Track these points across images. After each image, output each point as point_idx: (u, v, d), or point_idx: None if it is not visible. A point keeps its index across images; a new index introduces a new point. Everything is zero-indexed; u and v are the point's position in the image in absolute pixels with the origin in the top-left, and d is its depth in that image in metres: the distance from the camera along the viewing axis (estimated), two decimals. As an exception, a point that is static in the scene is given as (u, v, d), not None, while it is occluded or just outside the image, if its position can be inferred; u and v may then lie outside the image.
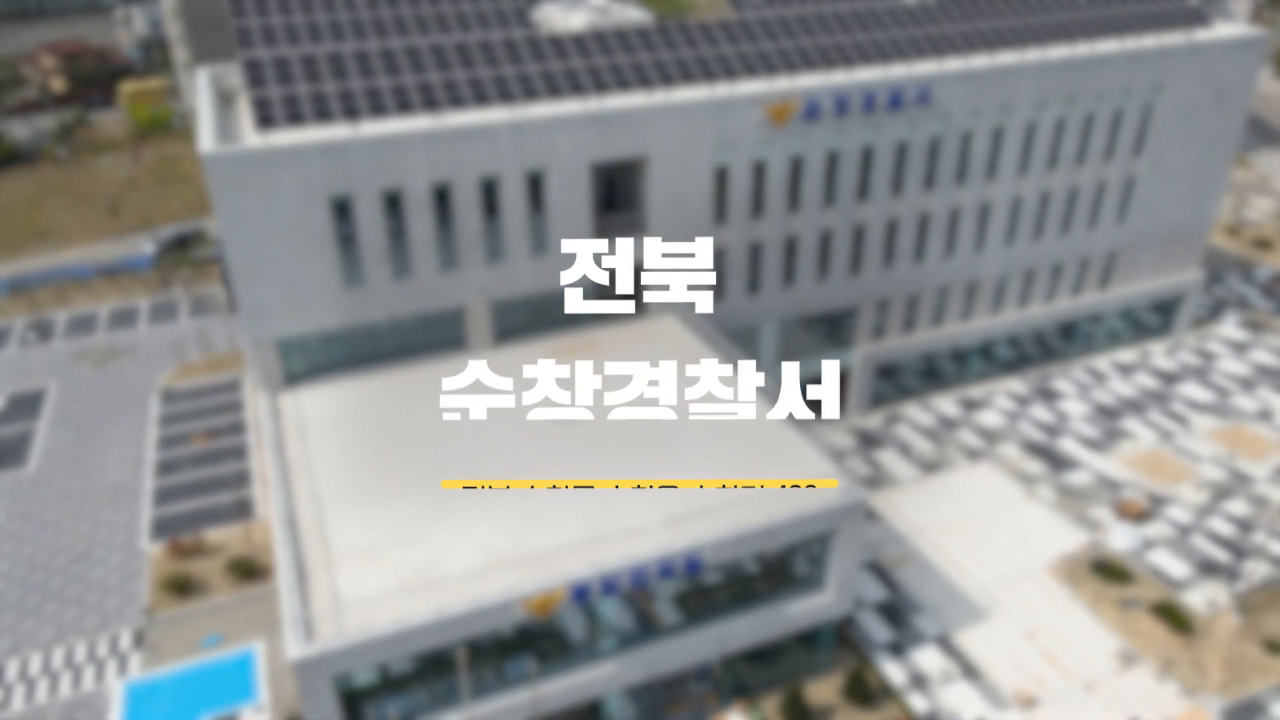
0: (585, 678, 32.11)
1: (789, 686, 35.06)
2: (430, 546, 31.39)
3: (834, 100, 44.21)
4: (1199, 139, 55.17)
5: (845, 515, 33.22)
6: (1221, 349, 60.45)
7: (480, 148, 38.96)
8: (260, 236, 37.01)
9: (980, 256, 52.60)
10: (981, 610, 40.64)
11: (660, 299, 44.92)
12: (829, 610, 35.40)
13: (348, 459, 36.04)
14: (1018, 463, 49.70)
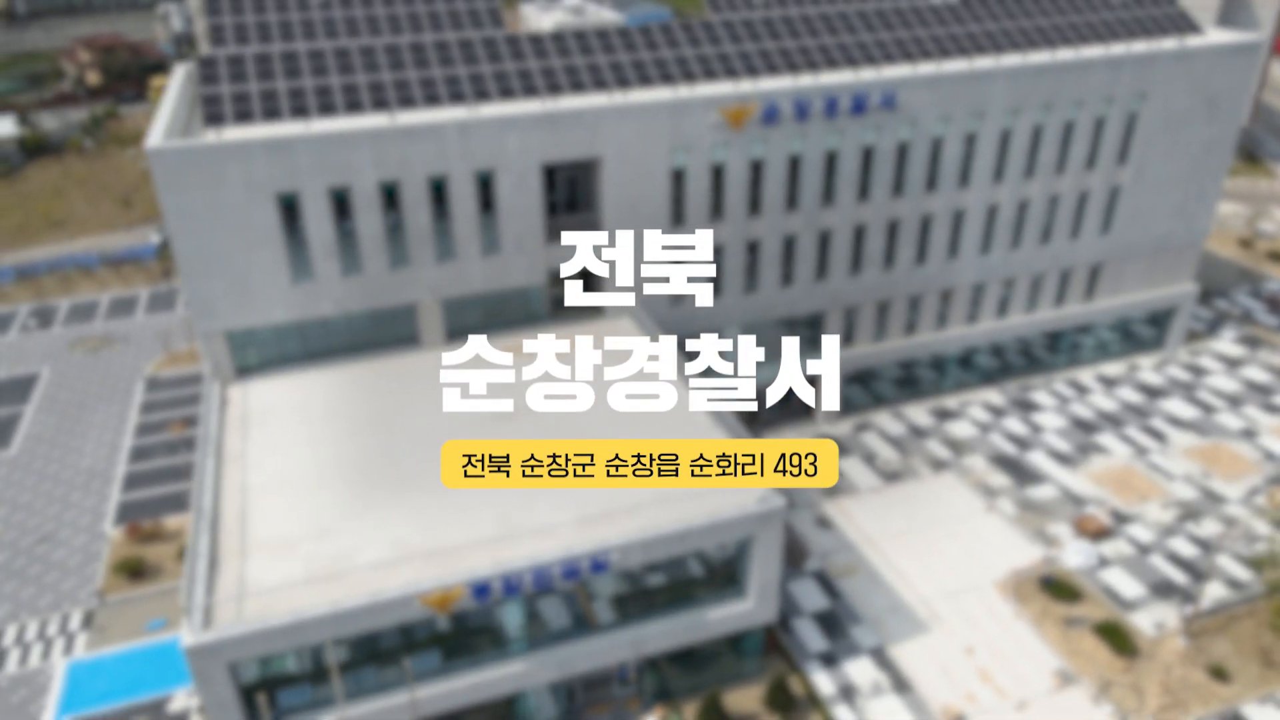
0: (495, 674, 32.29)
1: (708, 692, 34.90)
2: (345, 539, 31.85)
3: (793, 104, 43.87)
4: (1189, 149, 53.71)
5: (762, 523, 33.00)
6: (1214, 364, 58.80)
7: (427, 147, 39.36)
8: (206, 231, 37.81)
9: (954, 264, 51.80)
10: (922, 623, 40.07)
11: (616, 300, 45.06)
12: (751, 617, 35.18)
13: (282, 450, 36.67)
14: (982, 475, 48.87)
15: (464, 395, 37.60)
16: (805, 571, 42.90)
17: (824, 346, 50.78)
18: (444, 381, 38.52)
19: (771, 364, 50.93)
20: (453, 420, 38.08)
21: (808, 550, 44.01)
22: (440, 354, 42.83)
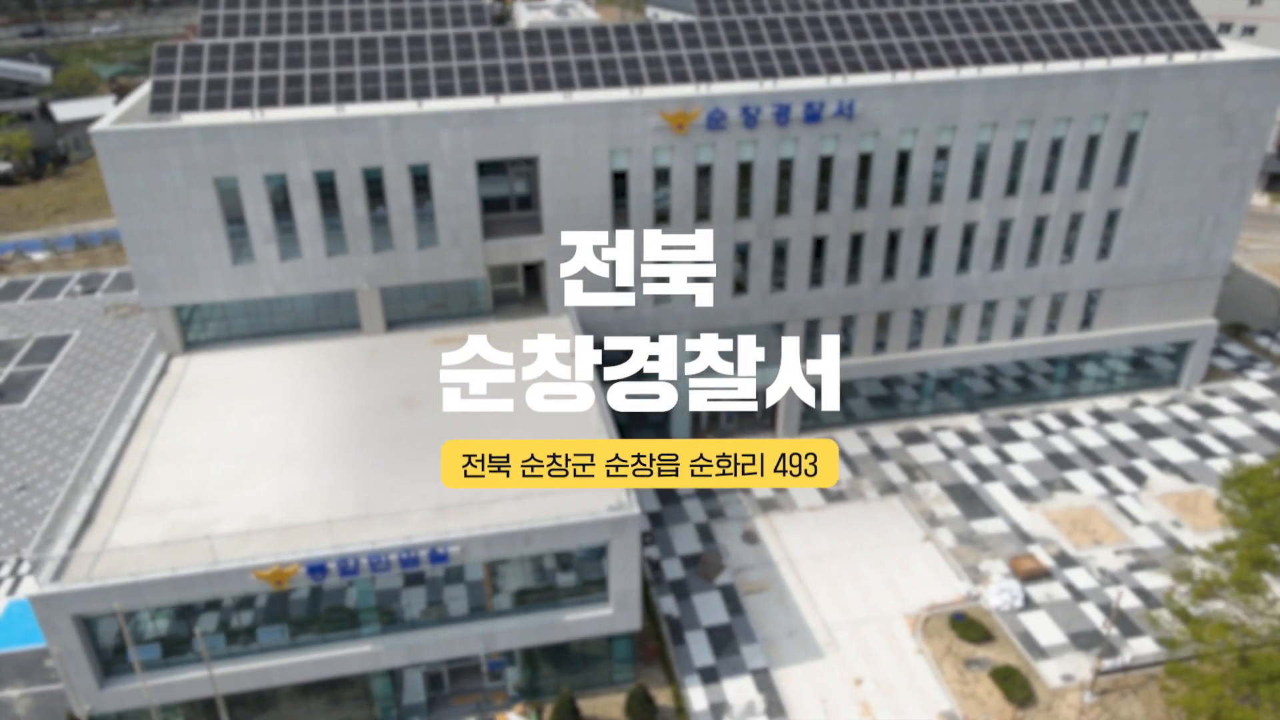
0: (344, 653, 33.31)
1: (563, 693, 34.98)
2: (214, 509, 33.43)
3: (740, 110, 43.13)
4: (1201, 173, 49.92)
5: (615, 530, 32.80)
6: (1229, 406, 54.51)
7: (360, 139, 40.66)
8: (148, 210, 40.20)
9: (926, 283, 49.79)
10: (816, 649, 38.95)
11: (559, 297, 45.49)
12: (611, 624, 35.02)
13: (195, 421, 38.69)
14: (931, 503, 46.93)
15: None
16: (715, 585, 42.28)
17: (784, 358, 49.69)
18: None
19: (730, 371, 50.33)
20: (360, 403, 39.47)
21: (723, 564, 43.34)
22: (374, 340, 44.45)
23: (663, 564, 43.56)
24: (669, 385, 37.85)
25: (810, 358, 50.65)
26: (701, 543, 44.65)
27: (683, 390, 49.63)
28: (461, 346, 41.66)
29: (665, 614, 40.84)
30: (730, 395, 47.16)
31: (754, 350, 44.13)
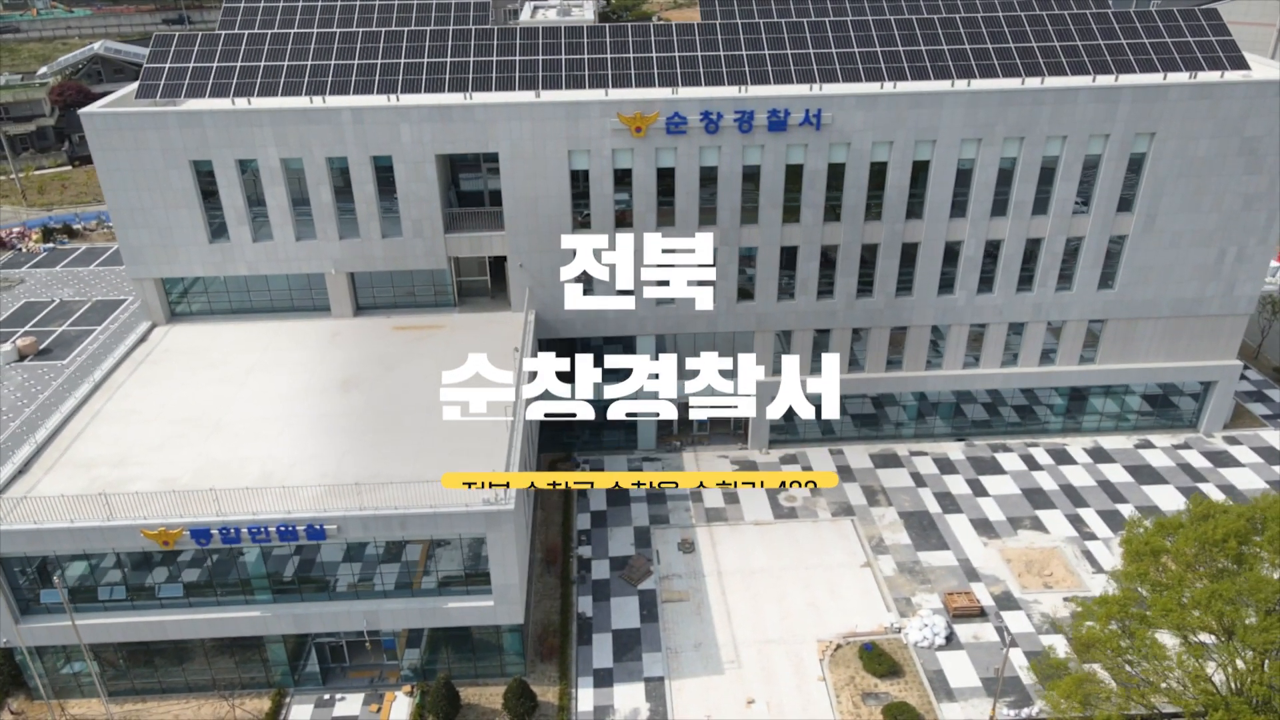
0: (235, 615, 35.07)
1: (439, 678, 35.73)
2: (134, 469, 35.78)
3: (700, 115, 42.74)
4: (1220, 202, 46.19)
5: (489, 523, 33.29)
6: (1248, 456, 50.24)
7: (325, 130, 42.48)
8: (132, 188, 43.19)
9: (906, 302, 47.97)
10: (718, 665, 38.34)
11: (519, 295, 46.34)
12: (494, 615, 35.54)
13: (154, 386, 41.41)
14: (884, 529, 45.30)
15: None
16: (637, 590, 42.17)
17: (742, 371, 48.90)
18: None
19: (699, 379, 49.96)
20: (304, 381, 41.38)
21: (650, 569, 43.15)
22: (340, 323, 46.38)
23: (592, 564, 43.73)
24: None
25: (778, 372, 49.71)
26: (636, 547, 44.57)
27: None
28: (418, 332, 43.50)
29: (580, 613, 41.03)
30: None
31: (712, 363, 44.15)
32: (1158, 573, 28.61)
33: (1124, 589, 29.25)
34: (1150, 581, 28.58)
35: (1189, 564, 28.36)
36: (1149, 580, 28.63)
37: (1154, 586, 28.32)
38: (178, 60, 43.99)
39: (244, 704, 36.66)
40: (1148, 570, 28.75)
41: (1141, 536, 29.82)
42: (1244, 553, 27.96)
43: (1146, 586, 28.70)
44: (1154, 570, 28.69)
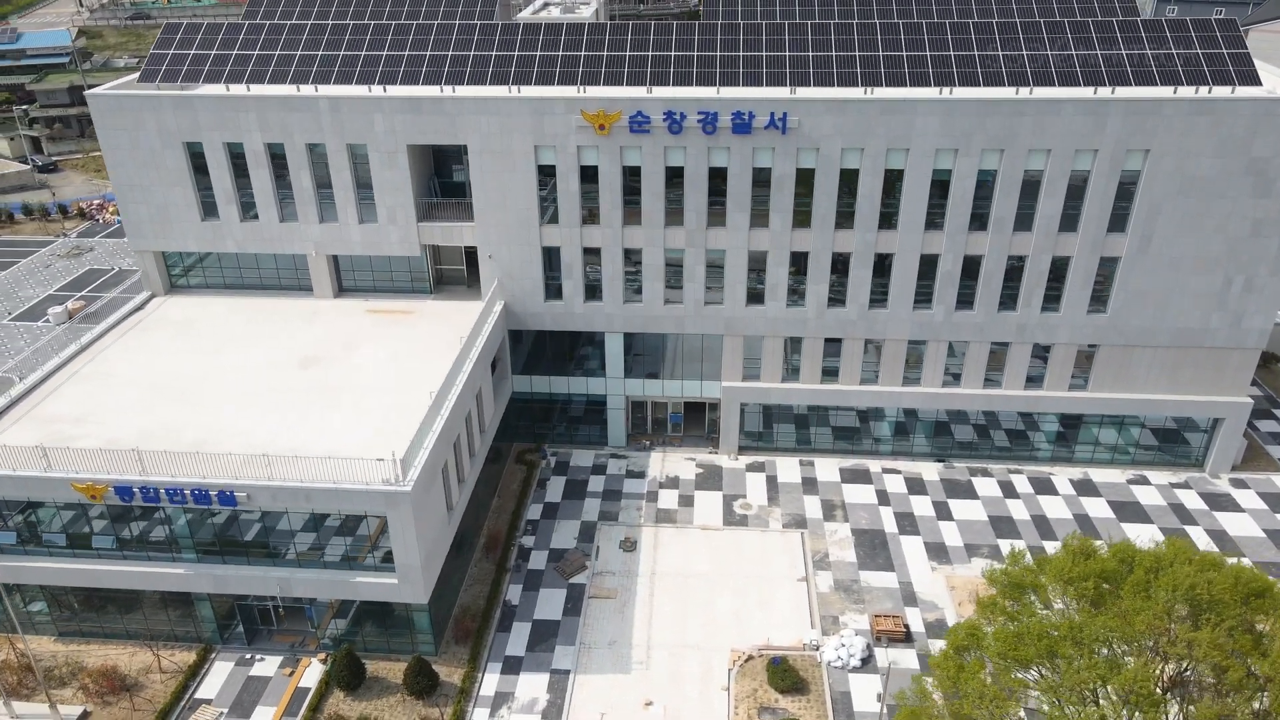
0: (161, 571, 37.17)
1: (343, 649, 36.96)
2: (86, 427, 38.31)
3: (663, 115, 42.62)
4: (1225, 226, 43.11)
5: (388, 503, 34.25)
6: (1252, 501, 46.74)
7: (304, 117, 44.34)
8: (132, 166, 46.14)
9: (880, 314, 46.59)
10: (626, 664, 38.33)
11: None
12: (398, 593, 36.53)
13: (135, 351, 44.15)
14: (833, 544, 44.23)
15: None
16: (567, 583, 42.51)
17: (723, 376, 48.74)
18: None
19: (673, 379, 50.06)
20: (274, 356, 43.43)
21: (585, 565, 43.40)
22: (321, 303, 48.40)
23: (531, 554, 44.29)
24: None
25: (751, 378, 49.24)
26: (579, 541, 44.89)
27: (617, 390, 50.05)
28: (389, 316, 45.26)
29: (506, 600, 41.68)
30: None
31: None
32: (1013, 607, 27.19)
33: (969, 622, 27.89)
34: (1005, 614, 27.17)
35: (1047, 601, 26.85)
36: (1004, 613, 27.23)
37: (1009, 620, 26.94)
38: (181, 48, 46.70)
39: (173, 656, 38.82)
40: (1003, 603, 27.34)
41: (1011, 570, 28.35)
42: (1104, 592, 26.27)
43: (1000, 619, 27.31)
44: (1010, 605, 27.26)
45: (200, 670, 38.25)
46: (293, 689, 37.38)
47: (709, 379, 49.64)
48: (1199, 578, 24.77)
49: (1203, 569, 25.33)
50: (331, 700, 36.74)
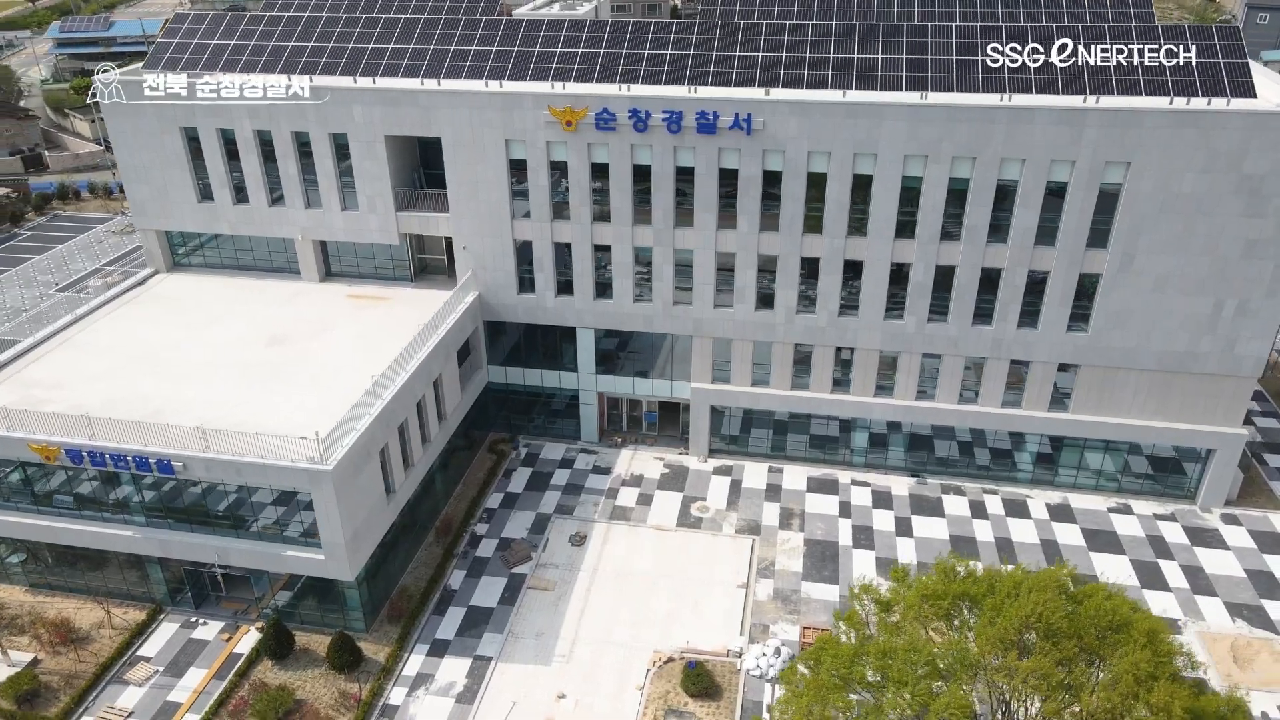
0: (110, 531, 39.12)
1: (271, 619, 38.26)
2: (62, 393, 40.55)
3: (629, 112, 42.66)
4: (1215, 246, 40.77)
5: (312, 480, 35.33)
6: (1242, 540, 44.08)
7: (289, 106, 45.95)
8: (135, 148, 48.62)
9: (850, 322, 45.61)
10: (549, 656, 38.59)
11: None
12: (325, 569, 37.62)
13: (121, 323, 46.56)
14: (782, 553, 43.59)
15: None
16: (510, 572, 43.02)
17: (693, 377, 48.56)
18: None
19: (644, 378, 50.13)
20: (249, 333, 45.25)
21: (530, 555, 43.84)
22: (306, 286, 50.12)
23: (482, 541, 44.95)
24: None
25: (721, 380, 48.88)
26: (530, 532, 45.34)
27: (589, 386, 50.40)
28: (366, 301, 46.77)
29: (447, 585, 42.43)
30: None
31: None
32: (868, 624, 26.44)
33: (819, 638, 27.16)
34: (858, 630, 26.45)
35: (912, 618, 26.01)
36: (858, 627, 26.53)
37: (862, 639, 26.21)
38: (185, 36, 48.90)
39: (126, 614, 40.83)
40: (857, 617, 26.60)
41: (869, 588, 27.58)
42: (953, 613, 25.31)
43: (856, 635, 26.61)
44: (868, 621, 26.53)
45: (146, 630, 40.13)
46: (226, 654, 38.90)
47: (681, 380, 49.44)
48: (1045, 606, 23.63)
49: (1055, 597, 24.15)
50: (260, 668, 38.08)
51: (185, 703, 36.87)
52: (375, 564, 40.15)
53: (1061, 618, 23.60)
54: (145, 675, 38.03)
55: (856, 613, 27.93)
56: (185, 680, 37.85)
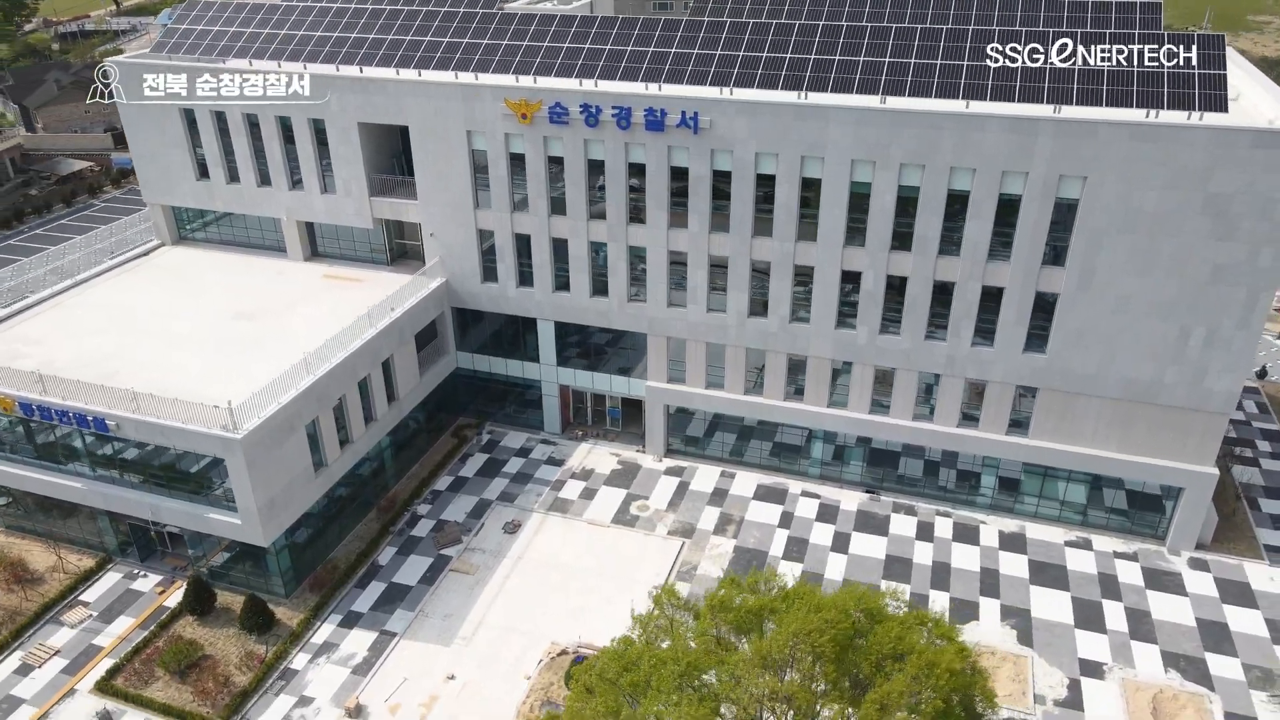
0: (63, 482, 41.83)
1: (191, 576, 40.17)
2: (41, 349, 43.52)
3: (580, 107, 42.86)
4: (1180, 269, 38.06)
5: (224, 447, 36.99)
6: (1205, 587, 41.03)
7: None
8: (143, 126, 51.74)
9: (801, 329, 44.57)
10: (450, 638, 39.27)
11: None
12: (241, 533, 39.27)
13: (114, 291, 49.62)
14: (708, 557, 43.05)
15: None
16: (438, 553, 43.89)
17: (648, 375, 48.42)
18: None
19: (601, 373, 50.30)
20: (223, 306, 47.57)
21: (460, 538, 44.60)
22: (289, 264, 52.27)
23: (421, 521, 45.98)
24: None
25: (676, 380, 48.56)
26: (468, 516, 46.11)
27: (551, 378, 50.90)
28: (338, 282, 48.62)
29: (375, 560, 43.62)
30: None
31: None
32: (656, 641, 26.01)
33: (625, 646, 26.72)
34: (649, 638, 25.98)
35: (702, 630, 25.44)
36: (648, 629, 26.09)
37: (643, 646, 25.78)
38: (193, 23, 51.65)
39: (80, 561, 43.61)
40: (649, 621, 26.11)
41: (670, 591, 27.08)
42: (745, 627, 24.58)
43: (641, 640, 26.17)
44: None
45: (92, 577, 42.79)
46: (156, 607, 41.12)
47: (639, 377, 49.33)
48: (809, 623, 22.69)
49: (840, 618, 23.19)
50: (181, 623, 40.09)
51: (107, 647, 39.20)
52: (303, 534, 41.69)
53: (827, 641, 22.67)
54: (80, 618, 40.58)
55: (644, 618, 27.46)
56: (113, 627, 40.22)
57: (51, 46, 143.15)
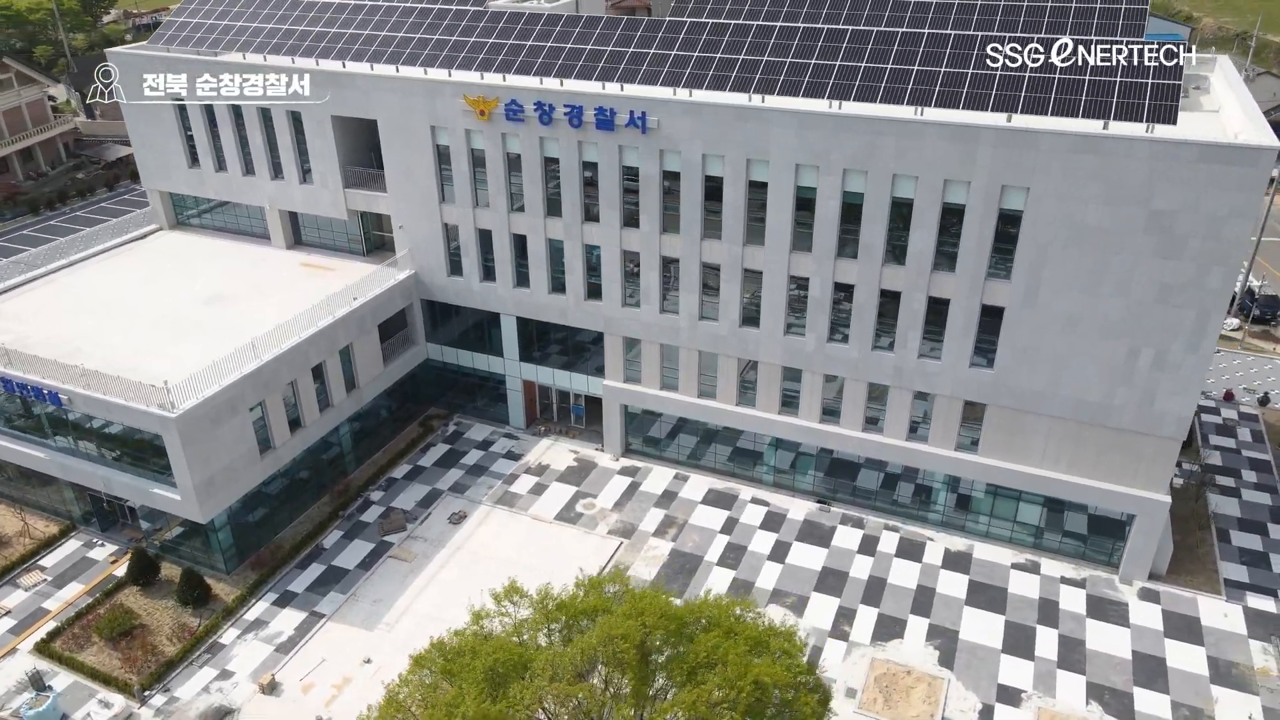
0: (32, 452, 43.91)
1: (135, 548, 41.72)
2: (19, 325, 45.87)
3: (534, 105, 43.20)
4: (1126, 287, 36.58)
5: (162, 426, 38.38)
6: (1149, 619, 39.36)
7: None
8: (141, 115, 53.89)
9: (750, 334, 44.14)
10: (375, 623, 40.00)
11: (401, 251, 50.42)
12: (180, 509, 40.63)
13: (105, 273, 51.83)
14: (642, 558, 42.96)
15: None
16: (380, 539, 44.73)
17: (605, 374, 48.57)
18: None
19: (562, 370, 50.60)
20: (200, 289, 49.33)
21: (404, 526, 45.35)
22: (272, 251, 53.84)
23: (372, 508, 46.91)
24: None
25: (632, 380, 48.56)
26: (417, 505, 46.87)
27: (514, 373, 51.44)
28: (312, 270, 49.99)
29: (319, 543, 44.68)
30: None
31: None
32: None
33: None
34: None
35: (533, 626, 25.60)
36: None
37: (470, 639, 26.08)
38: (190, 16, 53.60)
39: (47, 527, 45.69)
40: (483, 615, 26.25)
41: (515, 588, 27.29)
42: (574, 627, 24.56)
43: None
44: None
45: (54, 544, 44.78)
46: (105, 575, 42.85)
47: (598, 375, 49.48)
48: (617, 629, 22.50)
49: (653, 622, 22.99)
50: (125, 592, 41.69)
51: (54, 611, 41.02)
52: (257, 513, 43.01)
53: (629, 647, 22.49)
54: (34, 582, 42.55)
55: (480, 611, 27.61)
56: (63, 592, 42.06)
57: (125, 38, 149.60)
